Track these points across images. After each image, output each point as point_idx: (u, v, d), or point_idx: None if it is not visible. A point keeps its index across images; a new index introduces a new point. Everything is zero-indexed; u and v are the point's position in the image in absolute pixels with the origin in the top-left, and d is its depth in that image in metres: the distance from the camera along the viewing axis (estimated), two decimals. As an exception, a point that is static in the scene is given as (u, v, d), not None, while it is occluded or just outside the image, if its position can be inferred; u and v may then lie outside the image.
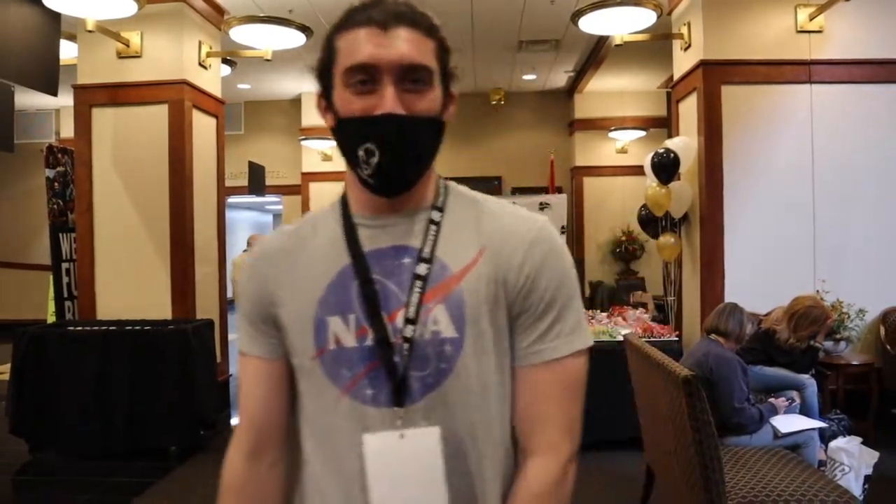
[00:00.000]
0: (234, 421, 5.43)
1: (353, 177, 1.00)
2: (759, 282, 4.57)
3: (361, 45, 0.94)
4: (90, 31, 4.22)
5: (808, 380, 3.67)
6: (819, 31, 4.64)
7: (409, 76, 0.94)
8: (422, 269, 0.97)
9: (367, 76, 0.94)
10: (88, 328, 4.49)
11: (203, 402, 4.46)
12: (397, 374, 0.95)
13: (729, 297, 4.41)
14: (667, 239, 5.06)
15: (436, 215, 1.01)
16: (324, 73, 1.00)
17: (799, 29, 4.63)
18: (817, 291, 4.39)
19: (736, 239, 4.64)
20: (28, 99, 6.51)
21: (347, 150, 0.98)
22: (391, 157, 0.94)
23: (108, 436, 4.22)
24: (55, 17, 4.29)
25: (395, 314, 0.96)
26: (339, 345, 0.98)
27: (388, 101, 0.93)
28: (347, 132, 0.97)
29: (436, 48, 0.98)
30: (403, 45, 0.94)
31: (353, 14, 0.97)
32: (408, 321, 0.95)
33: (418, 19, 0.96)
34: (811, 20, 4.58)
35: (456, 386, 0.96)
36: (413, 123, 0.94)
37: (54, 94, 4.44)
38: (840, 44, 4.66)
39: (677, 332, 4.88)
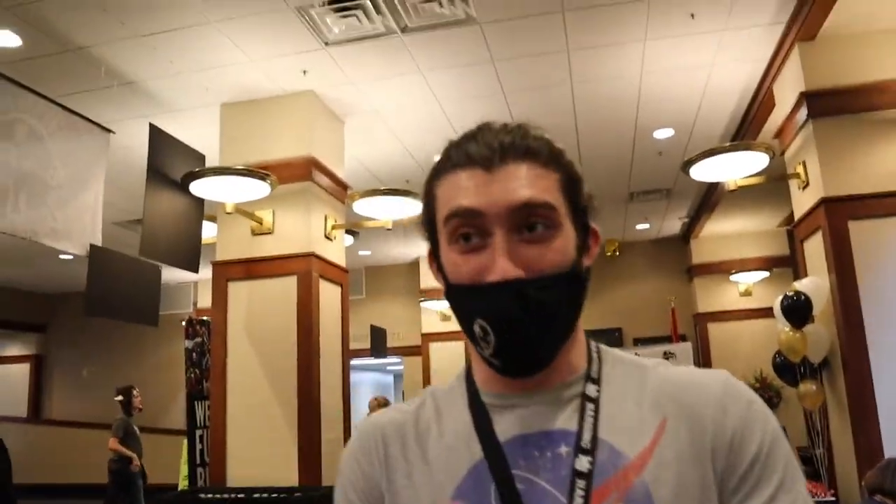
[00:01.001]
0: None
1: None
2: (921, 431, 4.12)
3: (460, 190, 0.75)
4: (229, 213, 4.63)
5: None
6: (948, 159, 4.43)
7: (526, 221, 0.74)
8: (583, 463, 0.72)
9: (471, 229, 0.74)
10: (218, 496, 4.57)
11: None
12: None
13: (889, 450, 3.99)
14: (808, 386, 4.71)
15: (591, 390, 0.78)
16: (429, 228, 0.83)
17: (925, 158, 4.45)
18: None
19: (887, 382, 4.25)
20: (169, 273, 7.10)
21: (462, 324, 0.79)
22: (512, 336, 0.73)
23: None
24: (199, 202, 4.75)
25: None
26: None
27: (499, 261, 0.72)
28: (458, 303, 0.79)
29: (561, 180, 0.77)
30: (513, 183, 0.74)
31: (450, 152, 0.79)
32: None
33: (533, 147, 0.76)
34: (937, 149, 4.40)
35: None
36: (538, 287, 0.72)
37: (196, 271, 4.82)
38: (974, 169, 4.42)
39: (832, 491, 4.42)
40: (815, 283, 4.64)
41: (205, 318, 5.87)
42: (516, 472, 0.74)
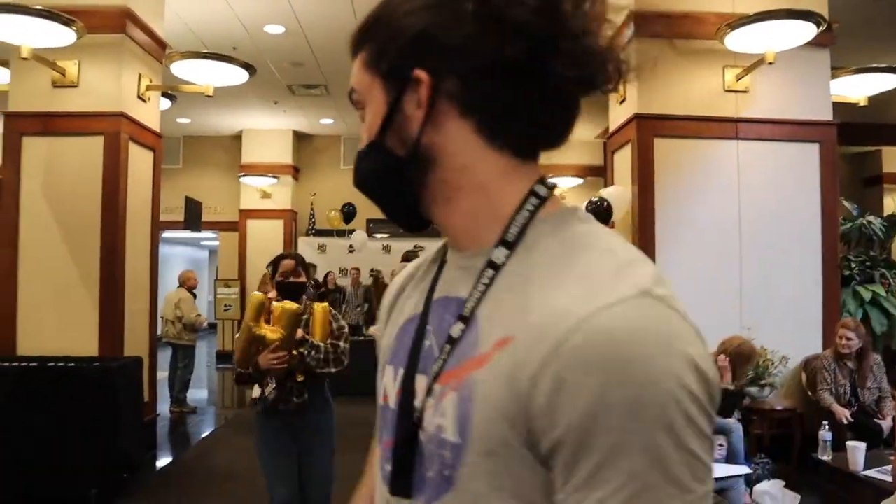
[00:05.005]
0: (160, 463, 5.24)
1: None
2: (688, 328, 4.68)
3: None
4: (24, 59, 4.13)
5: (734, 424, 3.76)
6: (745, 91, 4.88)
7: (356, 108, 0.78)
8: (456, 329, 0.69)
9: None
10: (6, 364, 4.30)
11: (127, 444, 4.30)
12: (403, 461, 0.72)
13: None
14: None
15: (498, 254, 0.69)
16: None
17: (726, 88, 4.88)
18: (743, 339, 4.56)
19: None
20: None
21: None
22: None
23: (26, 480, 4.00)
24: (-12, 43, 4.19)
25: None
26: (385, 401, 0.79)
27: None
28: None
29: (367, 54, 0.74)
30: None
31: None
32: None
33: (358, 37, 0.76)
34: (738, 80, 4.83)
35: None
36: (357, 159, 0.78)
37: (-18, 121, 4.32)
38: (764, 103, 4.92)
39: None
40: (619, 192, 5.02)
41: (-6, 174, 5.31)
42: (430, 327, 0.75)
